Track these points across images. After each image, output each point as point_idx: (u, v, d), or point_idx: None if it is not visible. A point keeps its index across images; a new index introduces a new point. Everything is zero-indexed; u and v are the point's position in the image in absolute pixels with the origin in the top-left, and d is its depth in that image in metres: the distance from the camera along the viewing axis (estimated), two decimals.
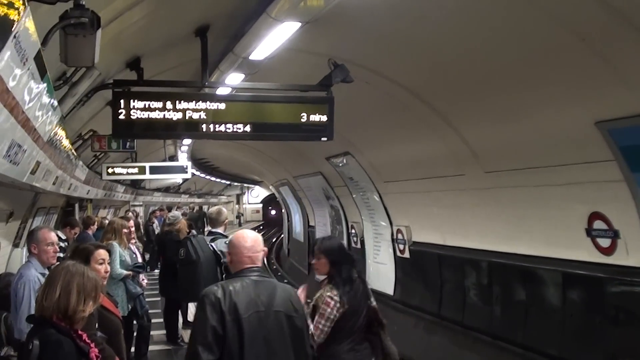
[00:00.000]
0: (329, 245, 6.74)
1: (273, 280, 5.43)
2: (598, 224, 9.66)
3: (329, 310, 6.21)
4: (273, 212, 74.40)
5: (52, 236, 7.35)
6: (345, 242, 22.27)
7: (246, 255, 5.24)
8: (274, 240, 54.88)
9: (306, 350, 5.27)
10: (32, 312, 4.91)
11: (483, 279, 13.59)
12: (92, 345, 4.39)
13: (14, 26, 3.87)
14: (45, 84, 5.58)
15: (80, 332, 4.35)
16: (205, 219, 29.31)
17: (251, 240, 5.32)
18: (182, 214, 19.78)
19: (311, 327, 6.09)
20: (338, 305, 6.24)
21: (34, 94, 5.26)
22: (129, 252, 10.75)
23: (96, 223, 15.35)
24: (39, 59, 4.90)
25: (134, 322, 10.62)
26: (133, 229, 12.09)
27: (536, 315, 11.74)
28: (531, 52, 8.81)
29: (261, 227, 71.43)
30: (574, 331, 10.70)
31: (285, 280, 30.64)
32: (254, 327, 4.92)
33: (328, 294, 6.26)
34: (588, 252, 9.94)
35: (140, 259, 11.31)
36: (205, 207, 54.85)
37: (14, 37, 3.96)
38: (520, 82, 9.58)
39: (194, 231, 12.91)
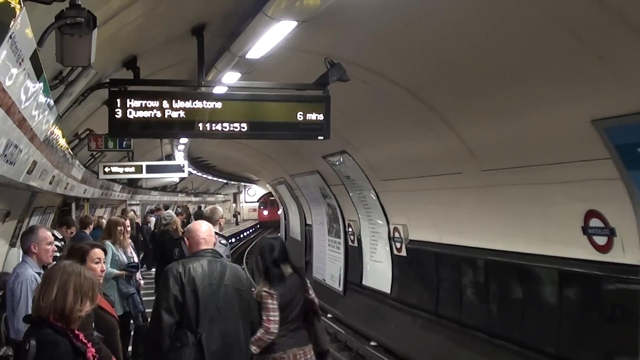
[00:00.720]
0: (260, 244, 7.71)
1: (224, 260, 6.74)
2: (594, 222, 9.68)
3: (270, 301, 6.95)
4: (266, 212, 70.00)
5: (50, 235, 7.44)
6: (342, 240, 22.30)
7: (202, 237, 6.64)
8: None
9: (252, 317, 6.62)
10: (30, 311, 4.91)
11: (480, 277, 13.61)
12: (89, 345, 4.39)
13: (10, 26, 3.87)
14: (41, 84, 5.58)
15: (77, 332, 4.35)
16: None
17: (206, 226, 6.78)
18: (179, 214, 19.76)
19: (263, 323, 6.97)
20: (275, 296, 6.99)
21: (30, 94, 5.26)
22: (126, 250, 10.75)
23: (94, 222, 15.36)
24: (35, 58, 4.89)
25: (131, 321, 10.61)
26: (129, 227, 12.08)
27: (533, 313, 11.76)
28: (528, 50, 8.82)
29: (252, 231, 67.12)
30: (570, 329, 10.72)
31: None
32: (208, 296, 6.19)
33: (264, 289, 7.05)
34: (584, 250, 9.96)
35: (136, 258, 11.29)
36: (200, 206, 55.37)
37: (10, 37, 3.96)
38: (517, 80, 9.59)
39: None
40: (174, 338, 6.05)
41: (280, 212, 54.52)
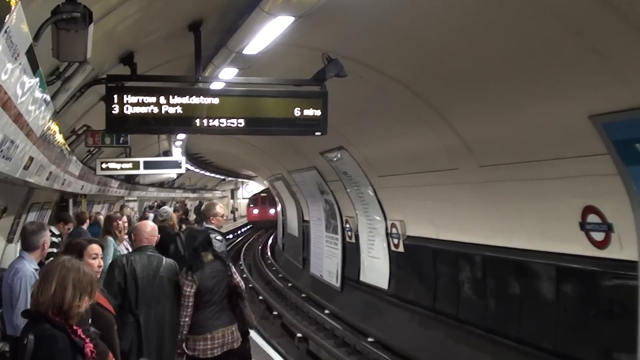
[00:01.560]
0: (183, 237, 8.71)
1: (161, 256, 7.91)
2: (592, 218, 9.69)
3: (186, 289, 7.68)
4: (256, 211, 62.89)
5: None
6: (339, 236, 22.32)
7: (145, 237, 7.93)
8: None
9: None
10: (29, 307, 4.90)
11: (477, 272, 13.62)
12: (87, 340, 4.38)
13: (5, 21, 3.86)
14: (37, 79, 5.57)
15: (75, 327, 4.34)
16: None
17: (150, 227, 8.04)
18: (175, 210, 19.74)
19: None
20: (191, 284, 7.67)
21: (26, 89, 5.25)
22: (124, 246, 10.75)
23: (92, 218, 15.33)
24: (30, 53, 4.88)
25: None
26: (126, 223, 12.07)
27: (530, 309, 11.77)
28: (525, 46, 8.81)
29: (249, 227, 63.44)
30: (568, 325, 10.73)
31: (280, 275, 30.66)
32: (145, 284, 7.49)
33: (182, 277, 7.76)
34: (582, 245, 9.96)
35: None
36: (195, 203, 55.94)
37: (5, 31, 3.95)
38: (515, 76, 9.58)
39: (184, 226, 12.88)
40: (117, 318, 6.37)
41: (273, 211, 53.17)
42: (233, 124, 8.85)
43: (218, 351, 7.77)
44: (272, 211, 55.79)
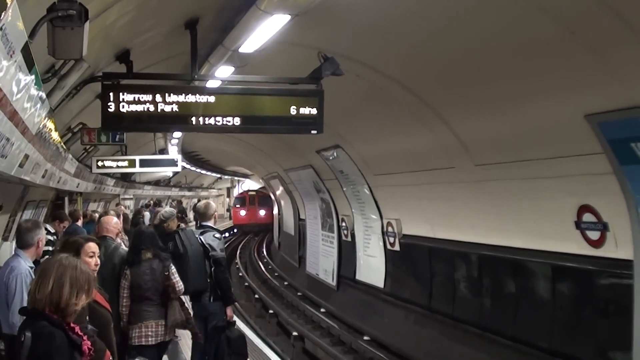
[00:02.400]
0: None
1: (119, 246, 8.99)
2: (587, 217, 9.70)
3: (122, 281, 8.47)
4: (243, 212, 53.80)
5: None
6: (336, 234, 22.33)
7: (106, 227, 8.95)
8: None
9: None
10: (25, 305, 4.89)
11: (473, 271, 13.63)
12: (85, 338, 4.38)
13: (0, 18, 3.85)
14: (33, 77, 5.55)
15: (72, 324, 4.34)
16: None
17: (114, 220, 9.18)
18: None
19: None
20: (126, 277, 8.49)
21: (22, 87, 5.24)
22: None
23: (88, 216, 15.31)
24: (26, 51, 4.87)
25: None
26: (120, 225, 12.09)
27: (526, 308, 11.79)
28: (521, 45, 8.82)
29: (233, 232, 54.34)
30: (563, 323, 10.75)
31: (276, 274, 30.65)
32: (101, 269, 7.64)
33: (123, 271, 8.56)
34: (577, 244, 9.98)
35: None
36: (193, 201, 55.68)
37: (0, 29, 3.94)
38: (511, 75, 9.59)
39: (182, 224, 12.88)
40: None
41: (264, 212, 50.70)
42: (229, 122, 8.84)
43: (152, 340, 8.45)
44: (262, 213, 51.57)
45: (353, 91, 12.96)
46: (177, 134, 21.69)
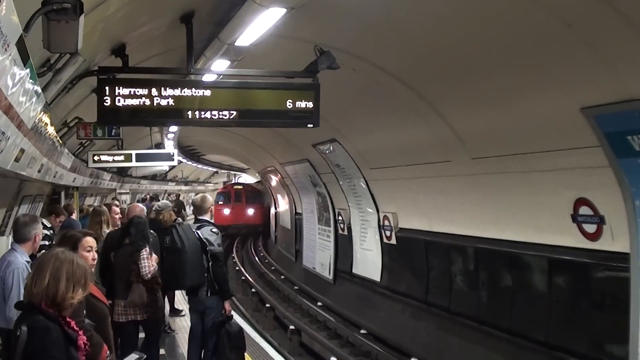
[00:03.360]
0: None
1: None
2: (584, 210, 9.71)
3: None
4: (227, 211, 44.05)
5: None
6: (332, 228, 22.35)
7: (136, 211, 10.11)
8: None
9: None
10: (22, 299, 4.90)
11: (469, 265, 13.65)
12: (80, 332, 4.39)
13: None
14: (28, 70, 5.54)
15: (68, 319, 4.34)
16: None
17: (139, 207, 10.31)
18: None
19: None
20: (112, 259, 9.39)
21: (17, 80, 5.22)
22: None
23: (84, 211, 15.30)
24: (21, 44, 4.86)
25: None
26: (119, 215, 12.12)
27: (522, 301, 11.80)
28: (517, 38, 8.82)
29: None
30: (560, 316, 10.76)
31: (272, 268, 30.65)
32: None
33: None
34: (574, 237, 9.99)
35: None
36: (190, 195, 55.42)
37: None
38: (507, 68, 9.59)
39: (179, 219, 12.87)
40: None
41: (253, 211, 44.15)
42: (225, 116, 8.84)
43: (123, 318, 9.21)
44: (251, 211, 44.36)
45: (349, 85, 12.95)
46: (173, 128, 21.66)
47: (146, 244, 9.42)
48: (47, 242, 10.70)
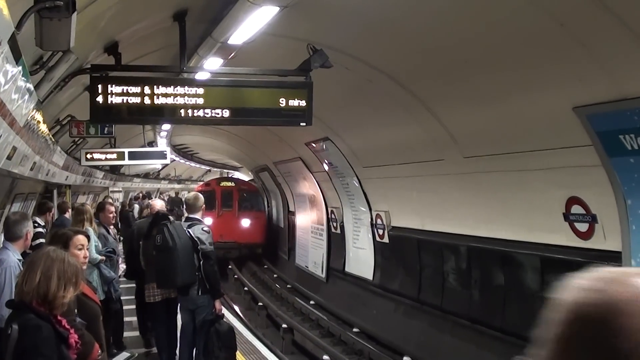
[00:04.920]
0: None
1: None
2: (576, 209, 9.72)
3: None
4: (209, 221, 27.05)
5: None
6: (325, 227, 22.36)
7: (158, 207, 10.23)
8: None
9: None
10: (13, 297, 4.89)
11: (462, 263, 13.67)
12: (72, 331, 4.38)
13: None
14: (20, 68, 5.53)
15: (59, 317, 4.34)
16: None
17: (160, 203, 10.61)
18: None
19: None
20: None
21: (9, 78, 5.21)
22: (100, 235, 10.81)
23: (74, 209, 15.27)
24: (13, 42, 4.85)
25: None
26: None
27: (515, 300, 11.82)
28: (510, 37, 8.83)
29: None
30: None
31: (265, 266, 30.61)
32: None
33: None
34: (566, 236, 10.01)
35: (117, 245, 11.34)
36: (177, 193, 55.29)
37: None
38: (499, 67, 9.60)
39: (171, 217, 12.88)
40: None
41: (250, 223, 31.36)
42: (218, 114, 8.84)
43: (158, 298, 10.17)
44: (247, 223, 31.39)
45: (342, 84, 12.96)
46: (166, 126, 21.65)
47: None
48: (42, 240, 10.72)
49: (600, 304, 1.30)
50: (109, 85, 8.52)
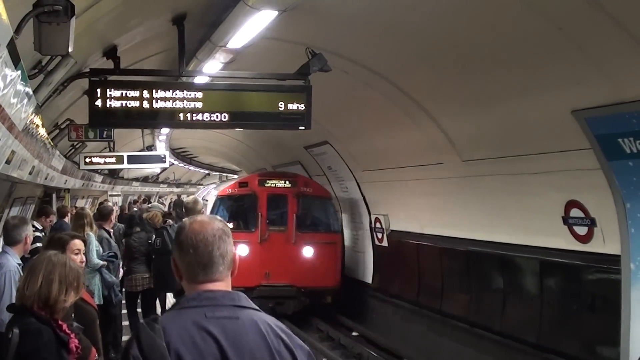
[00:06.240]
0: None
1: None
2: (575, 212, 9.71)
3: None
4: (244, 252, 17.46)
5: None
6: None
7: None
8: None
9: None
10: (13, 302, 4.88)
11: (461, 267, 13.65)
12: (72, 335, 4.38)
13: None
14: (19, 72, 5.54)
15: (60, 322, 4.34)
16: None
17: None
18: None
19: None
20: None
21: (8, 82, 5.22)
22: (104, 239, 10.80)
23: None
24: (12, 46, 4.85)
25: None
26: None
27: (514, 303, 11.81)
28: (509, 40, 8.83)
29: None
30: (551, 319, 10.77)
31: None
32: None
33: None
34: (565, 240, 9.99)
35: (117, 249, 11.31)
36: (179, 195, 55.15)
37: None
38: (498, 71, 9.61)
39: (170, 220, 12.89)
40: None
41: (313, 252, 18.41)
42: (217, 118, 8.84)
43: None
44: (309, 252, 18.58)
45: (341, 87, 12.95)
46: (165, 130, 21.66)
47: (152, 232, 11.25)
48: (39, 244, 10.70)
49: None
50: (108, 89, 8.52)
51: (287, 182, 18.80)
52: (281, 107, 8.96)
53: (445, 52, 10.02)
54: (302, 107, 9.02)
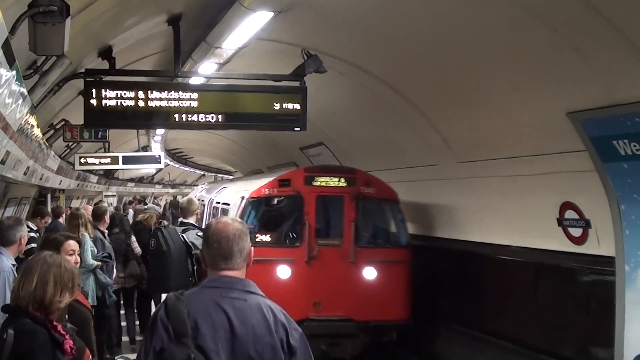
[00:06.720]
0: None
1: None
2: (569, 214, 9.73)
3: None
4: (286, 273, 12.70)
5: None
6: None
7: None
8: None
9: None
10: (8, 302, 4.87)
11: (456, 268, 13.65)
12: (67, 337, 4.37)
13: None
14: (14, 72, 5.53)
15: (55, 323, 4.33)
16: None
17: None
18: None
19: None
20: None
21: (2, 82, 5.22)
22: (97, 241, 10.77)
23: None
24: (7, 46, 4.85)
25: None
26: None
27: (509, 305, 11.82)
28: (504, 42, 8.85)
29: None
30: (546, 320, 10.78)
31: None
32: None
33: None
34: (560, 241, 10.01)
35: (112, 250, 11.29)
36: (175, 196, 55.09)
37: None
38: (493, 73, 9.62)
39: (164, 222, 12.86)
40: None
41: (376, 275, 13.12)
42: (212, 118, 8.84)
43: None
44: (371, 274, 13.18)
45: (336, 89, 12.97)
46: (160, 131, 21.64)
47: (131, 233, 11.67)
48: (34, 245, 10.67)
49: None
50: (103, 90, 8.51)
51: (343, 179, 13.47)
52: (276, 108, 8.96)
53: (440, 54, 10.03)
54: (297, 107, 9.01)
